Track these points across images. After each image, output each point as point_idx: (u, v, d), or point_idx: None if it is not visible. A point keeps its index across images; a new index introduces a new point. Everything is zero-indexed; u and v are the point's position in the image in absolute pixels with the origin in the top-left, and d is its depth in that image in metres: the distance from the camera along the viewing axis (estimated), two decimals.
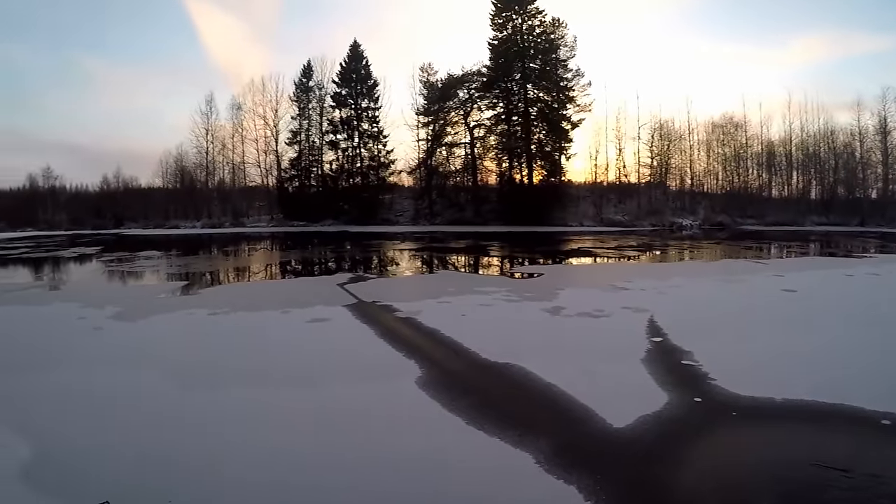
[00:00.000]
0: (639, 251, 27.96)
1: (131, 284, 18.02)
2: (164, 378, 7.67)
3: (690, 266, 21.96)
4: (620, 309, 11.97)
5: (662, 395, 6.84)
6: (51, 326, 11.33)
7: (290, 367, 8.11)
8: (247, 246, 34.57)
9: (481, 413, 6.19)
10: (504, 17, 58.59)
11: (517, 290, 14.86)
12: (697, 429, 5.90)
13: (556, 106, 58.33)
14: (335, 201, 62.99)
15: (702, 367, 7.90)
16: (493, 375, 7.65)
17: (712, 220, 54.00)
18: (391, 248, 30.93)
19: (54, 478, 4.91)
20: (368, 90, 64.78)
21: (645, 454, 5.28)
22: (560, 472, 4.86)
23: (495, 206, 58.66)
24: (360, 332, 10.27)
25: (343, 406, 6.49)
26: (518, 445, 5.38)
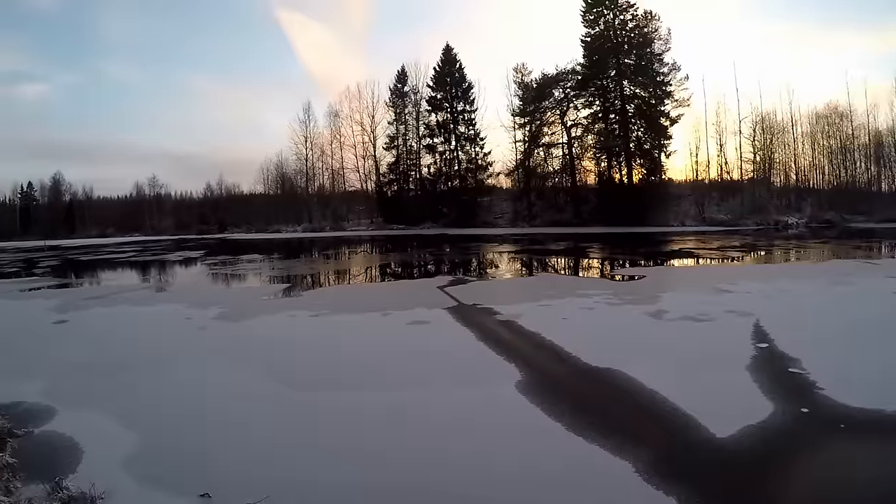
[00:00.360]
0: (743, 251, 27.29)
1: (235, 286, 18.64)
2: (266, 377, 7.96)
3: (797, 267, 21.33)
4: (724, 313, 11.71)
5: (768, 404, 6.65)
6: (158, 326, 11.91)
7: (389, 370, 8.26)
8: (347, 249, 35.23)
9: (581, 419, 6.16)
10: (595, 13, 58.09)
11: (618, 292, 14.72)
12: (803, 441, 5.70)
13: (653, 102, 57.49)
14: (434, 204, 63.60)
15: (809, 376, 7.62)
16: (594, 381, 7.62)
17: (819, 217, 51.94)
18: (490, 250, 31.09)
19: (158, 469, 5.16)
20: (463, 93, 65.22)
21: (748, 466, 5.18)
22: (659, 483, 4.80)
23: (594, 207, 58.18)
24: (460, 334, 10.37)
25: (443, 409, 6.58)
26: (617, 453, 5.33)
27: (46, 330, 11.87)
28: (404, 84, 67.06)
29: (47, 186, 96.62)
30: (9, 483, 4.91)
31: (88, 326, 12.20)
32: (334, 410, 6.61)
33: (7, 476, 5.00)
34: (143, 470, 5.13)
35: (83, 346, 10.39)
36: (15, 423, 6.31)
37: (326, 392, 7.32)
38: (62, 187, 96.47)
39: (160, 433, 6.02)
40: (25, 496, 4.64)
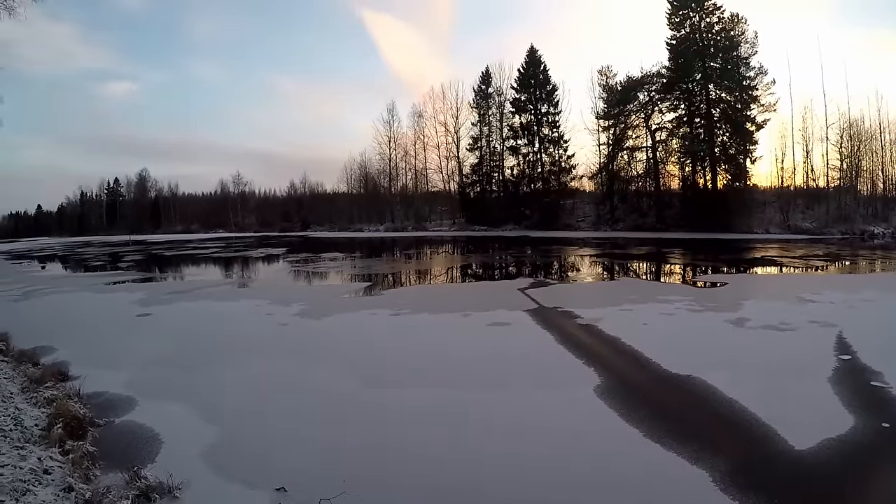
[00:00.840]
0: (827, 261, 26.73)
1: (316, 284, 19.13)
2: (346, 374, 8.31)
3: (883, 278, 20.83)
4: (807, 323, 11.62)
5: (849, 417, 6.64)
6: (239, 322, 12.39)
7: (469, 370, 8.51)
8: (428, 249, 35.54)
9: (659, 425, 6.30)
10: (681, 16, 57.32)
11: (700, 299, 14.72)
12: (883, 456, 5.70)
13: (738, 106, 56.40)
14: (516, 206, 63.56)
15: (892, 390, 7.56)
16: (674, 387, 7.73)
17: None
18: (572, 253, 31.07)
19: (237, 462, 5.48)
20: (547, 95, 64.98)
21: (826, 480, 5.21)
22: (735, 493, 4.88)
23: (678, 212, 57.45)
24: (540, 337, 10.58)
25: (521, 411, 6.79)
26: (695, 462, 5.44)
27: (130, 323, 12.48)
28: (488, 85, 67.24)
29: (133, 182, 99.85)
30: (88, 471, 5.21)
31: (171, 320, 12.79)
32: (413, 409, 6.87)
33: (87, 464, 5.31)
34: (221, 462, 5.46)
35: (165, 339, 10.92)
36: (96, 413, 6.76)
37: (406, 391, 7.60)
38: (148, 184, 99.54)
39: (239, 427, 6.36)
40: (104, 484, 4.92)
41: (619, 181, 62.28)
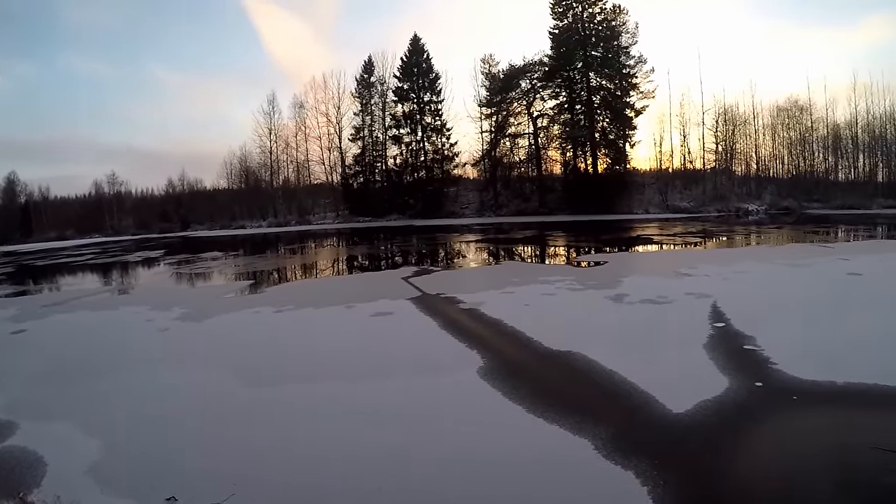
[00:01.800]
0: (704, 237, 27.69)
1: (197, 286, 18.41)
2: (230, 375, 7.97)
3: (755, 251, 21.52)
4: (684, 295, 11.97)
5: (723, 380, 6.90)
6: (119, 331, 11.71)
7: (353, 362, 8.32)
8: (312, 243, 34.97)
9: (542, 401, 6.33)
10: (564, 6, 58.22)
11: (581, 278, 14.92)
12: (757, 414, 5.95)
13: (619, 93, 57.84)
14: (400, 196, 63.32)
15: (764, 352, 7.91)
16: (555, 364, 7.77)
17: (778, 204, 52.69)
18: (456, 240, 31.05)
19: (122, 474, 5.18)
20: (430, 83, 64.90)
21: (704, 440, 5.37)
22: (618, 458, 4.98)
23: (560, 196, 58.45)
24: (423, 324, 10.48)
25: (407, 398, 6.69)
26: (577, 432, 5.50)
27: (3, 341, 11.62)
28: (371, 74, 66.46)
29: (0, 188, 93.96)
30: None
31: (48, 335, 11.92)
32: (299, 406, 6.67)
33: None
34: (109, 477, 5.14)
35: (43, 355, 10.14)
36: None
37: (290, 388, 7.37)
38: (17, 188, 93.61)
39: (124, 439, 6.01)
40: None
41: (501, 167, 62.82)
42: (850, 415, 5.94)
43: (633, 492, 4.49)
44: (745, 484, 4.67)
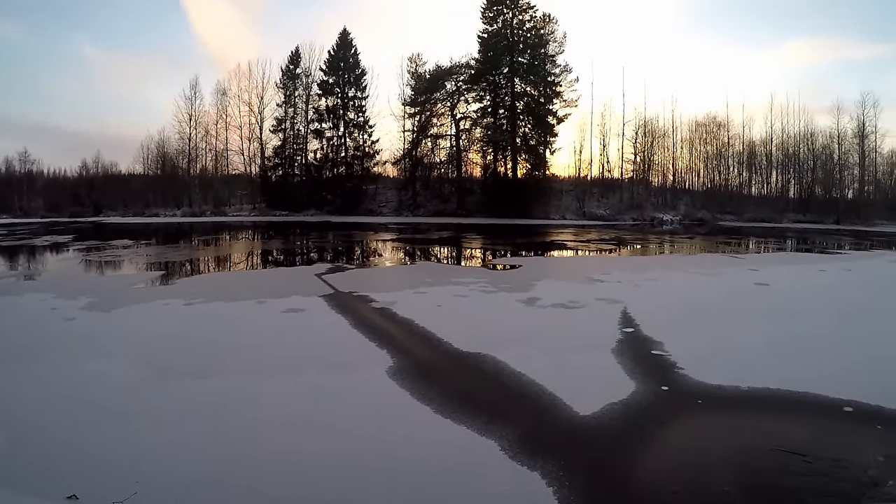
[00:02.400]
0: (618, 245, 28.14)
1: (106, 274, 17.78)
2: (136, 369, 7.61)
3: (668, 260, 22.08)
4: (595, 300, 12.09)
5: (630, 384, 6.97)
6: (22, 318, 11.10)
7: (261, 359, 8.08)
8: (227, 235, 34.31)
9: (450, 402, 6.26)
10: (495, 11, 58.58)
11: (494, 281, 14.92)
12: (662, 417, 6.03)
13: (542, 100, 58.49)
14: (319, 191, 62.65)
15: (671, 357, 8.05)
16: (465, 365, 7.72)
17: (692, 215, 54.51)
18: (373, 238, 30.83)
19: (23, 471, 4.89)
20: (356, 79, 64.45)
21: (609, 442, 5.40)
22: (524, 459, 4.94)
23: (479, 199, 58.78)
24: (334, 322, 10.27)
25: (312, 396, 6.54)
26: (484, 433, 5.45)
27: None
28: (297, 66, 65.40)
29: None
30: None
31: None
32: (206, 401, 6.44)
33: None
34: (7, 474, 4.83)
35: None
36: None
37: (198, 382, 7.10)
38: None
39: (25, 435, 5.63)
40: None
41: (422, 167, 62.81)
42: (753, 418, 6.07)
43: (539, 492, 4.45)
44: (648, 485, 4.70)
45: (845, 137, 63.21)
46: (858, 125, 62.18)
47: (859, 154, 62.74)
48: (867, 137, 62.17)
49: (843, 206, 60.02)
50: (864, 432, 5.78)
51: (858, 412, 6.28)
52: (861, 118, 61.88)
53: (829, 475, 4.87)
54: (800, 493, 4.60)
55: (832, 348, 8.84)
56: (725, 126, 64.90)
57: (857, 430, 5.84)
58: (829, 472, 4.93)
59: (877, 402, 6.51)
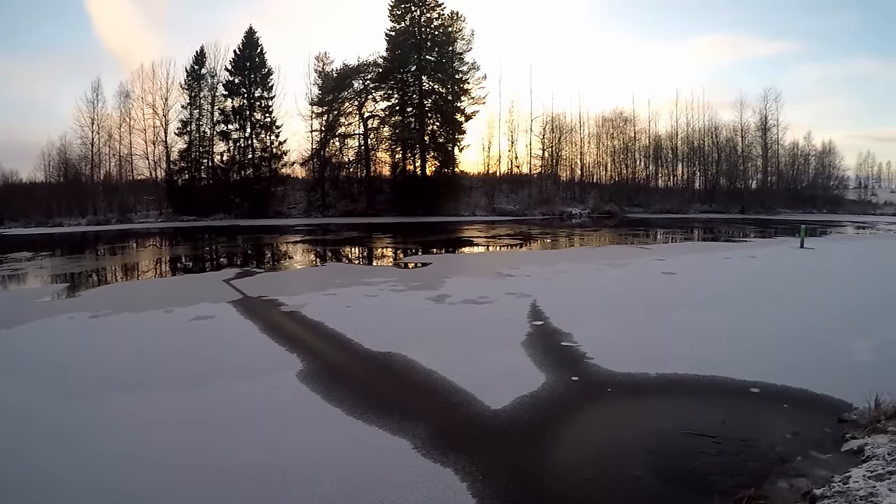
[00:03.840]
0: (527, 239, 28.44)
1: (8, 289, 17.07)
2: (42, 386, 7.28)
3: (577, 252, 22.44)
4: (504, 295, 12.16)
5: (540, 376, 7.02)
6: None
7: (172, 369, 7.83)
8: (134, 243, 33.29)
9: (361, 403, 6.21)
10: (403, 9, 58.38)
11: (404, 279, 14.90)
12: (573, 406, 6.10)
13: (450, 98, 58.55)
14: (226, 194, 61.41)
15: (580, 348, 8.16)
16: (375, 365, 7.67)
17: (601, 208, 55.70)
18: (282, 241, 30.35)
19: None
20: (262, 79, 63.33)
21: (520, 433, 5.42)
22: (437, 456, 4.94)
23: (388, 197, 58.55)
24: (243, 328, 10.08)
25: (222, 405, 6.38)
26: (396, 432, 5.43)
27: None
28: (202, 66, 63.75)
29: None
30: None
31: None
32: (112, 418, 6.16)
33: None
34: None
35: None
36: None
37: (105, 397, 6.81)
38: None
39: None
40: None
41: (330, 167, 62.24)
42: (662, 404, 6.21)
43: (453, 488, 4.44)
44: (562, 474, 4.74)
45: (748, 130, 66.51)
46: (761, 119, 65.55)
47: (762, 146, 66.12)
48: (769, 130, 65.75)
49: (747, 196, 63.06)
50: (772, 411, 5.99)
51: (765, 392, 6.52)
52: (763, 112, 65.24)
53: (739, 455, 5.02)
54: (710, 473, 4.71)
55: (738, 332, 9.15)
56: (632, 121, 66.30)
57: (764, 409, 6.05)
58: (738, 451, 5.08)
59: (783, 382, 6.79)
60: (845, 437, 5.40)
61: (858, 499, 4.08)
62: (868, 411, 5.71)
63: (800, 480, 4.59)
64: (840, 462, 4.92)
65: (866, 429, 5.44)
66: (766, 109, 65.12)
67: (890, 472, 4.44)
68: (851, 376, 7.04)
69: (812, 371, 7.24)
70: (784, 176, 67.94)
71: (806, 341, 8.82)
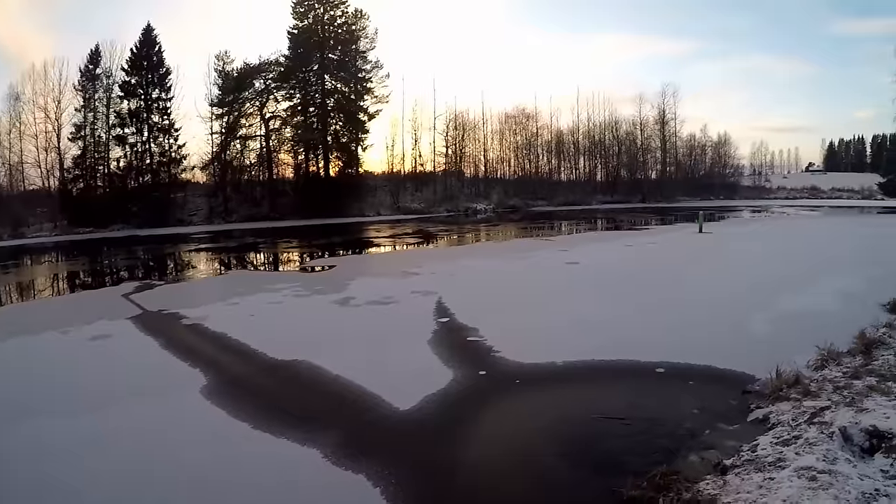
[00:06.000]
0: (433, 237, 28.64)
1: None
2: None
3: (482, 247, 22.60)
4: (410, 294, 12.17)
5: (448, 372, 7.03)
6: None
7: (68, 394, 7.43)
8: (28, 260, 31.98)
9: (268, 414, 6.08)
10: (306, 6, 57.70)
11: (308, 284, 14.69)
12: (482, 400, 6.15)
13: (353, 97, 58.30)
14: (124, 203, 59.33)
15: (486, 342, 8.22)
16: (281, 375, 7.54)
17: (505, 203, 56.41)
18: (183, 250, 29.48)
19: None
20: (160, 79, 61.13)
21: (431, 433, 5.43)
22: (348, 463, 4.86)
23: (292, 200, 57.82)
24: (143, 345, 9.62)
25: (123, 429, 6.03)
26: (306, 442, 5.33)
27: None
28: (97, 66, 60.79)
29: None
30: None
31: None
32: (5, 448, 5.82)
33: None
34: None
35: None
36: None
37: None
38: None
39: None
40: None
41: (232, 171, 61.21)
42: (571, 390, 6.38)
43: (367, 495, 4.40)
44: (476, 469, 4.76)
45: (647, 124, 68.95)
46: (660, 112, 68.24)
47: (661, 138, 68.96)
48: (668, 123, 68.61)
49: (647, 186, 65.34)
50: (678, 389, 6.21)
51: (671, 372, 6.76)
52: (662, 106, 67.98)
53: (648, 433, 5.15)
54: (622, 454, 4.80)
55: (641, 316, 9.49)
56: (534, 117, 67.49)
57: (670, 388, 6.27)
58: (647, 430, 5.22)
59: (687, 361, 7.06)
60: (750, 408, 5.68)
61: (767, 465, 4.24)
62: (770, 381, 6.03)
63: (710, 453, 4.74)
64: (747, 432, 5.12)
65: (770, 398, 5.75)
66: (664, 104, 67.86)
67: (795, 437, 4.65)
68: (752, 350, 7.41)
69: (715, 348, 7.56)
70: (682, 166, 71.16)
71: (707, 320, 9.24)
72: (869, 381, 5.78)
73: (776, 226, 29.45)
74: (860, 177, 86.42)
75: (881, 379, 5.80)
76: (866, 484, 3.86)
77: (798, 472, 3.97)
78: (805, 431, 4.72)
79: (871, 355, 6.79)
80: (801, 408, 5.31)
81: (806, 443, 4.47)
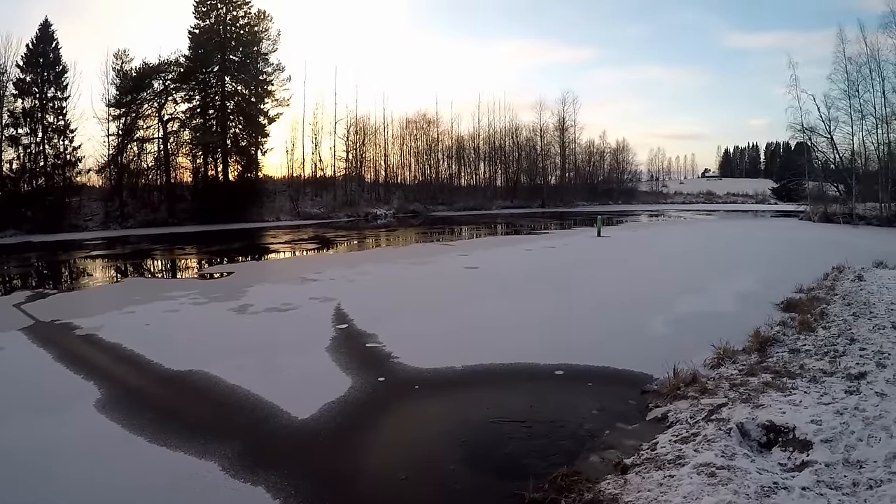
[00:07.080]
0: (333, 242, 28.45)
1: None
2: None
3: (381, 253, 22.85)
4: (308, 300, 12.16)
5: (347, 380, 7.09)
6: None
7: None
8: None
9: (164, 428, 5.98)
10: (209, 6, 56.49)
11: (205, 291, 14.45)
12: (382, 407, 6.23)
13: (253, 100, 57.48)
14: (17, 207, 57.39)
15: (385, 348, 8.33)
16: (177, 386, 7.41)
17: (406, 208, 56.64)
18: (78, 256, 28.47)
19: None
20: (56, 77, 58.69)
21: (331, 441, 5.46)
22: (247, 475, 4.85)
23: (190, 205, 56.58)
24: (35, 358, 9.25)
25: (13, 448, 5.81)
26: (203, 455, 5.28)
27: None
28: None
29: None
30: None
31: None
32: None
33: None
34: None
35: None
36: None
37: None
38: None
39: None
40: None
41: (129, 174, 59.67)
42: (470, 395, 6.49)
43: None
44: (375, 477, 4.83)
45: (547, 130, 71.66)
46: (559, 119, 71.32)
47: (560, 144, 71.79)
48: (567, 130, 71.84)
49: (547, 192, 67.91)
50: (577, 391, 6.44)
51: (569, 373, 7.01)
52: (562, 113, 71.18)
53: (549, 436, 5.33)
54: (522, 457, 4.96)
55: (540, 319, 9.76)
56: (435, 122, 68.35)
57: (570, 389, 6.49)
58: (548, 433, 5.39)
59: (585, 362, 7.36)
60: (649, 407, 5.96)
61: (667, 463, 4.47)
62: (668, 380, 6.37)
63: (610, 453, 4.95)
64: (647, 430, 5.38)
65: (668, 397, 6.06)
66: (564, 111, 70.86)
67: (694, 435, 4.92)
68: (650, 350, 7.76)
69: (612, 349, 7.90)
70: (581, 171, 74.48)
71: (605, 322, 9.61)
72: (764, 377, 6.19)
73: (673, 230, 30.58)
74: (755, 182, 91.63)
75: (776, 375, 6.21)
76: (765, 478, 4.12)
77: (697, 469, 4.20)
78: (703, 428, 4.99)
79: (766, 353, 7.28)
80: (698, 405, 5.62)
81: (704, 440, 4.74)
